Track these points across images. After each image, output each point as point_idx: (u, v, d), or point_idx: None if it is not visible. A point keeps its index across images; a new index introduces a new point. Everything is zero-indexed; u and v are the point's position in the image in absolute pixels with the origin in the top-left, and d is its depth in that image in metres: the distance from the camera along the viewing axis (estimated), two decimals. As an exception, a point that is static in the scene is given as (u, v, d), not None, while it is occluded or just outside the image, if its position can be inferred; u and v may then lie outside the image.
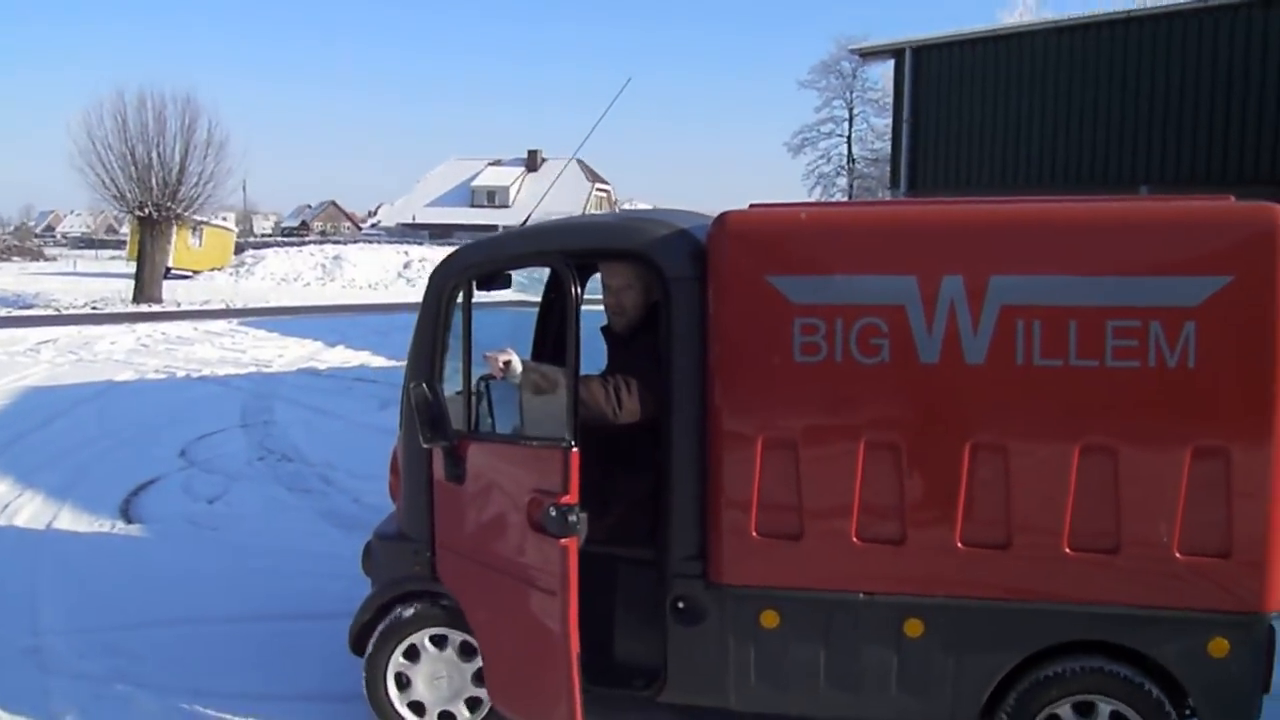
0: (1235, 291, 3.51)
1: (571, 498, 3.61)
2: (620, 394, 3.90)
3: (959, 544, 3.70)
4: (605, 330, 4.27)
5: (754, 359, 3.82)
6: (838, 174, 50.84)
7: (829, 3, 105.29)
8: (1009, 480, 3.64)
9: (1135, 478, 3.57)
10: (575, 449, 3.59)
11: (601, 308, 4.27)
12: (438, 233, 59.86)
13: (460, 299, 4.05)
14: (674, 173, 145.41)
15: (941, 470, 3.69)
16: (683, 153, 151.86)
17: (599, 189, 67.37)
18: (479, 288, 4.09)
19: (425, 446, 3.96)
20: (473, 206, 65.67)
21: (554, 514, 3.64)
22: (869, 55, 21.96)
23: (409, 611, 4.25)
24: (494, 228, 64.54)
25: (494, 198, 65.98)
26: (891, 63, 18.50)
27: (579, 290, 3.70)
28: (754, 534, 3.83)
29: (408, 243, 46.67)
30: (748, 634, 3.92)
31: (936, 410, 3.71)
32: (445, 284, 4.11)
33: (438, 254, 37.04)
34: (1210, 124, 14.24)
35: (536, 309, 4.89)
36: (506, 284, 4.37)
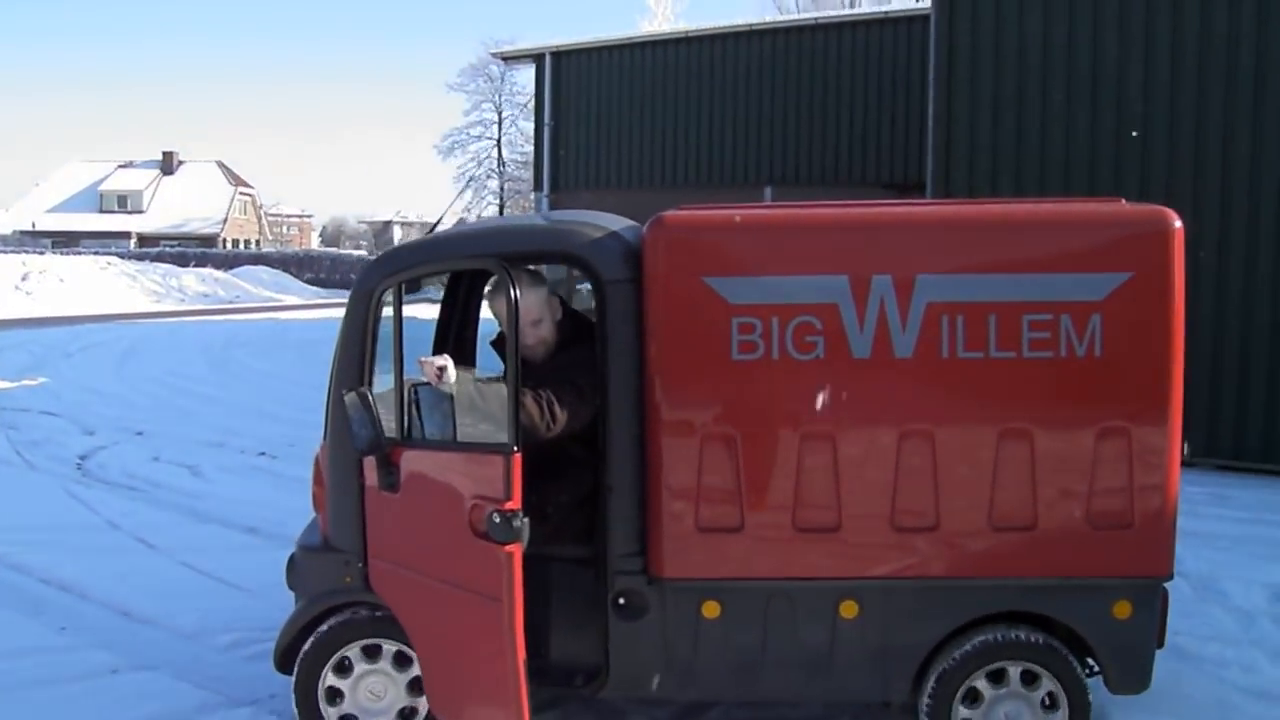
0: (1135, 286, 3.91)
1: (515, 503, 3.71)
2: (553, 408, 4.01)
3: (891, 528, 4.00)
4: (495, 344, 4.42)
5: (692, 358, 4.02)
6: (489, 177, 51.94)
7: (482, 7, 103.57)
8: (937, 466, 3.96)
9: (1049, 459, 3.95)
10: (518, 453, 3.70)
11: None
12: (63, 240, 57.01)
13: (390, 303, 4.10)
14: (323, 178, 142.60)
15: (875, 459, 3.98)
16: (332, 158, 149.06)
17: (242, 192, 66.68)
18: (407, 292, 4.17)
19: (360, 455, 3.99)
20: (102, 212, 63.08)
21: (498, 520, 3.72)
22: (512, 59, 23.10)
23: (340, 623, 4.26)
24: (128, 235, 61.75)
25: (126, 202, 63.48)
26: (534, 67, 19.74)
27: (518, 294, 3.82)
28: (695, 528, 4.03)
29: (26, 251, 43.63)
30: (689, 625, 4.12)
31: (869, 403, 4.00)
32: (374, 288, 4.15)
33: (63, 264, 35.05)
34: (824, 131, 16.80)
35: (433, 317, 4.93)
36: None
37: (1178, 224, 3.92)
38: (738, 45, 17.97)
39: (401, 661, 4.24)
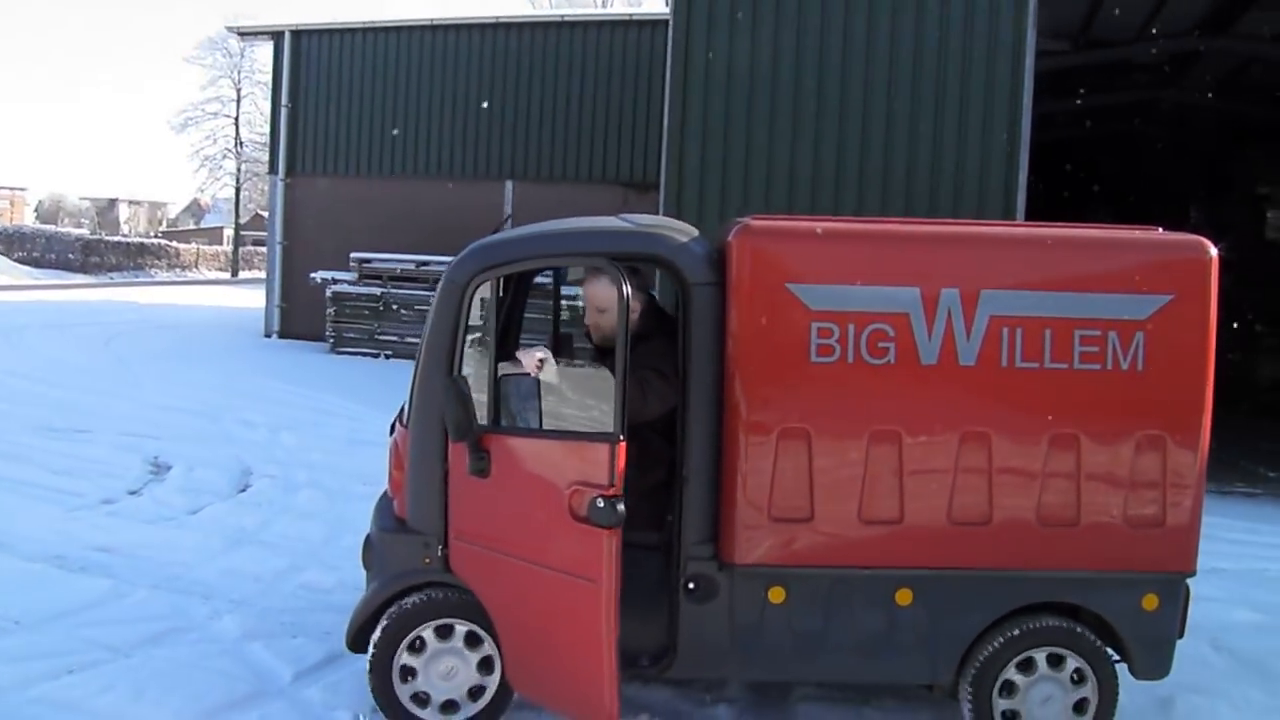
0: (1176, 307, 4.40)
1: (617, 489, 4.05)
2: (646, 395, 4.37)
3: (948, 522, 4.43)
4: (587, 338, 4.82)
5: (773, 359, 4.41)
6: (225, 156, 51.57)
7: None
8: (992, 466, 4.41)
9: (1093, 462, 4.42)
10: (623, 442, 4.05)
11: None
12: None
13: (486, 296, 4.43)
14: (40, 149, 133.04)
15: (936, 458, 4.42)
16: (51, 128, 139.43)
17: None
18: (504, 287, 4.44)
19: (456, 441, 4.29)
20: None
21: (601, 505, 4.04)
22: (249, 35, 23.28)
23: (417, 603, 4.56)
24: None
25: None
26: (273, 45, 20.10)
27: (629, 289, 4.14)
28: (768, 518, 4.42)
29: None
30: (756, 609, 4.52)
31: (934, 406, 4.43)
32: (468, 280, 4.46)
33: None
34: (567, 129, 17.78)
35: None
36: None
37: (1214, 252, 4.44)
38: (484, 37, 18.56)
39: (472, 641, 4.55)
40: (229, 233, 55.79)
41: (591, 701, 4.24)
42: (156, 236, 58.53)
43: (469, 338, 4.46)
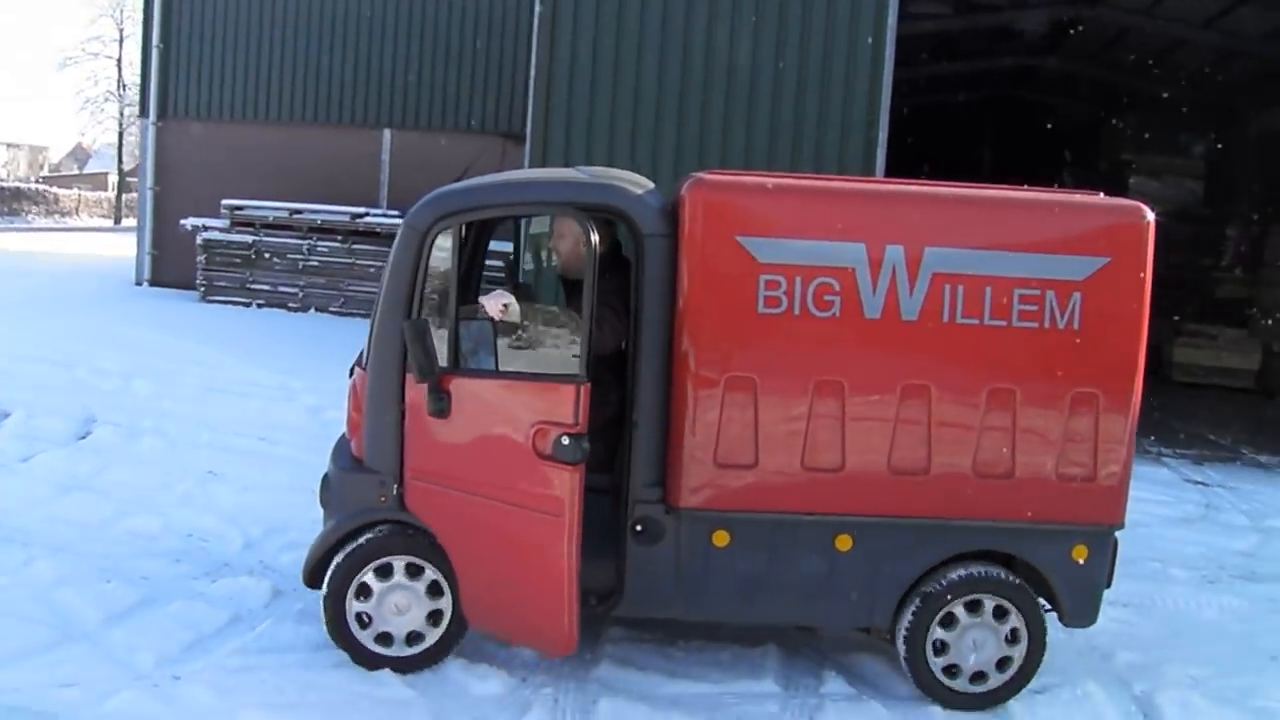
0: (1112, 270, 4.82)
1: (582, 428, 4.50)
2: (603, 325, 4.80)
3: (888, 471, 4.87)
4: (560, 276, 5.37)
5: (721, 309, 4.78)
6: (106, 99, 50.42)
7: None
8: (931, 417, 4.84)
9: (1029, 417, 4.88)
10: (588, 384, 4.50)
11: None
12: None
13: (447, 243, 4.77)
14: None
15: (877, 409, 4.83)
16: None
17: None
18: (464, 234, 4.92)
19: (418, 382, 4.65)
20: None
21: (566, 443, 4.47)
22: None
23: (371, 540, 4.93)
24: None
25: None
26: None
27: (596, 238, 4.56)
28: (713, 463, 4.83)
29: None
30: (700, 552, 4.93)
31: (876, 358, 4.83)
32: (428, 227, 4.79)
33: None
34: (445, 77, 17.77)
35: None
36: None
37: (1151, 216, 4.94)
38: (362, -18, 19.15)
39: (413, 572, 4.95)
40: (114, 179, 53.72)
41: (551, 630, 4.69)
42: (37, 182, 56.06)
43: (430, 283, 4.85)
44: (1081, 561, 5.01)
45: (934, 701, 5.04)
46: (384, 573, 4.96)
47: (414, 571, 4.97)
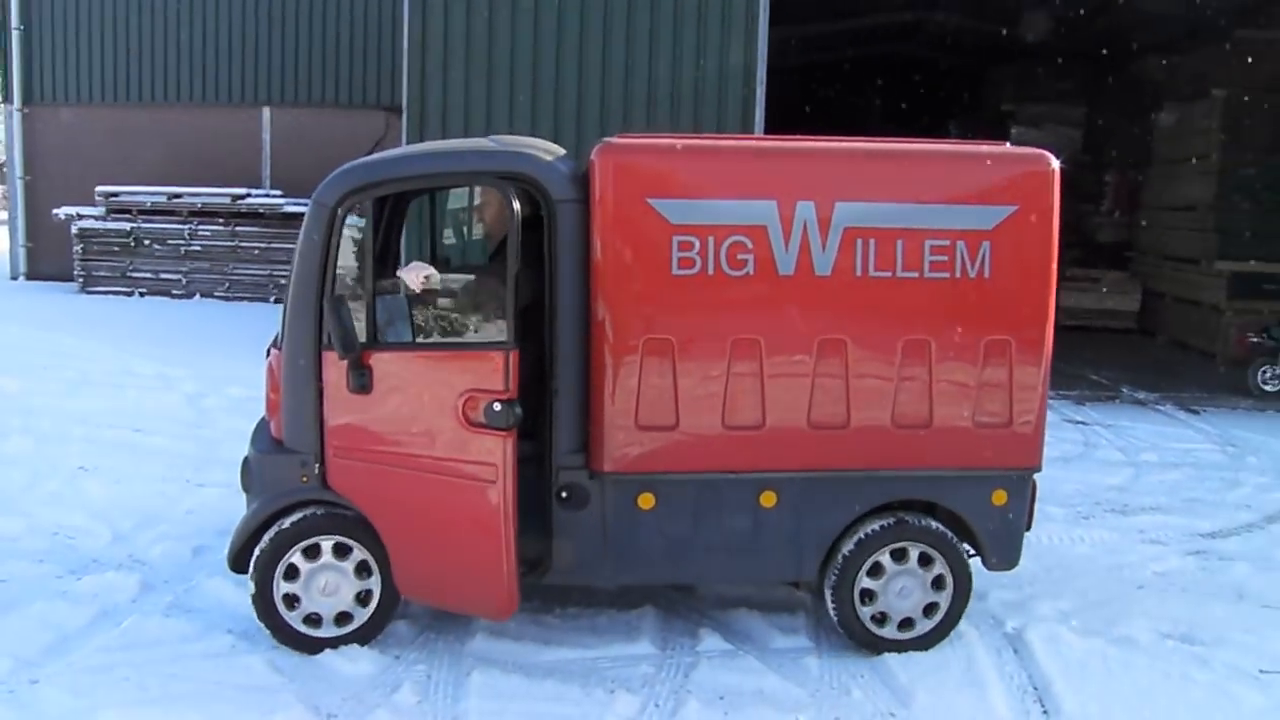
0: (1019, 218, 4.89)
1: (513, 394, 4.53)
2: (519, 282, 4.74)
3: (808, 426, 4.91)
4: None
5: (636, 272, 4.80)
6: None
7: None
8: (849, 371, 4.90)
9: (944, 365, 4.96)
10: (516, 350, 4.52)
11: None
12: None
13: (358, 218, 4.76)
14: None
15: (795, 365, 4.88)
16: None
17: None
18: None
19: (341, 358, 4.63)
20: None
21: (498, 409, 4.51)
22: None
23: (294, 522, 4.89)
24: None
25: None
26: None
27: (517, 206, 4.57)
28: (635, 426, 4.86)
29: None
30: (627, 515, 4.96)
31: (791, 314, 4.87)
32: (336, 202, 4.73)
33: None
34: (324, 52, 17.72)
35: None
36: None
37: (1056, 164, 5.01)
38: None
39: (341, 551, 4.94)
40: (-11, 171, 51.64)
41: (492, 594, 4.74)
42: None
43: (344, 259, 4.80)
44: (1001, 505, 5.11)
45: (816, 655, 5.10)
46: (311, 553, 4.91)
47: (342, 551, 4.93)
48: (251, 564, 4.93)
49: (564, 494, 4.94)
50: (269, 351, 5.28)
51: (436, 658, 5.00)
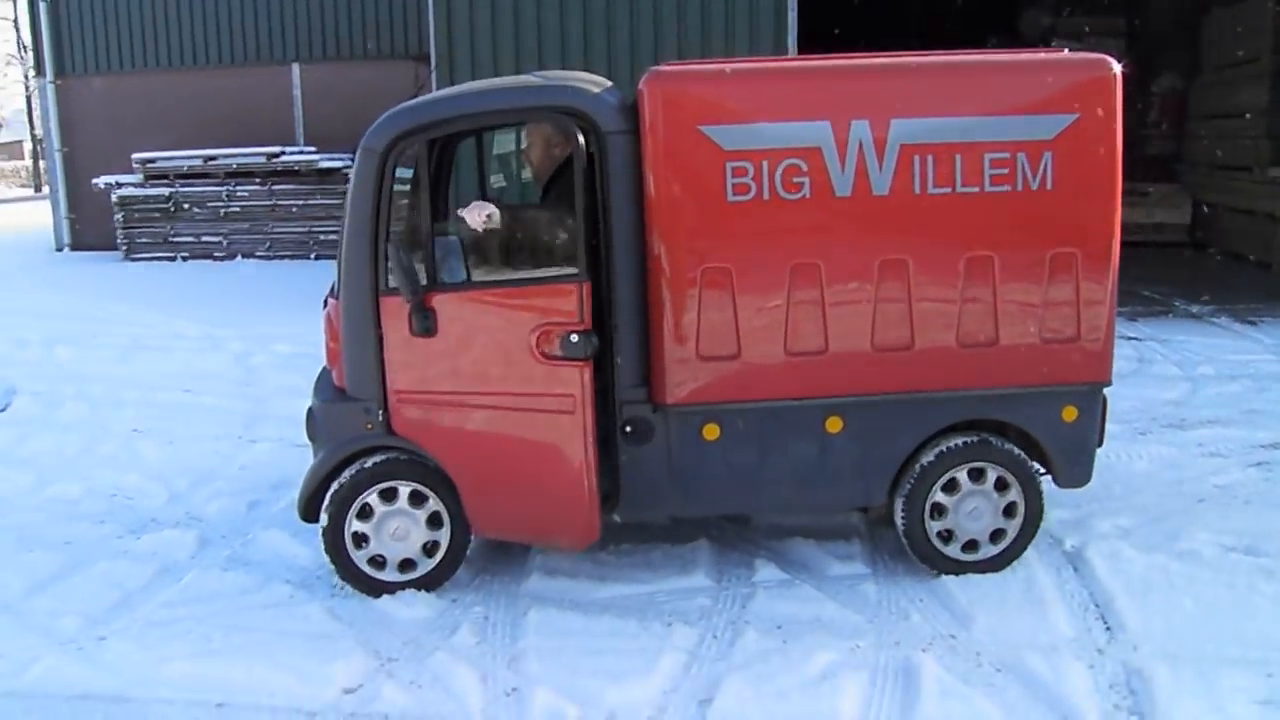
0: (1081, 126, 4.76)
1: (588, 324, 4.59)
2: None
3: (872, 349, 4.86)
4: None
5: (691, 201, 4.73)
6: (8, 63, 48.98)
7: None
8: (911, 292, 4.82)
9: (1008, 281, 4.86)
10: (589, 282, 4.58)
11: None
12: None
13: (409, 161, 4.76)
14: None
15: (857, 288, 4.81)
16: None
17: None
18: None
19: (407, 302, 4.64)
20: None
21: (576, 340, 4.57)
22: None
23: (363, 469, 4.92)
24: None
25: None
26: None
27: (582, 139, 4.58)
28: (696, 357, 4.81)
29: None
30: (692, 447, 4.93)
31: (850, 236, 4.80)
32: (386, 147, 4.70)
33: None
34: (349, 5, 17.59)
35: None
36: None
37: (1118, 69, 4.86)
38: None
39: (417, 499, 4.98)
40: (29, 146, 52.07)
41: (574, 523, 4.80)
42: (-56, 154, 54.44)
43: (396, 202, 4.81)
44: (1072, 421, 5.03)
45: (874, 581, 5.06)
46: (388, 496, 4.94)
47: (417, 500, 4.96)
48: (328, 497, 4.95)
49: (628, 428, 4.92)
50: (326, 302, 5.27)
51: (493, 599, 5.01)
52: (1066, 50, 5.15)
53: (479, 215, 4.77)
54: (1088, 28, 17.57)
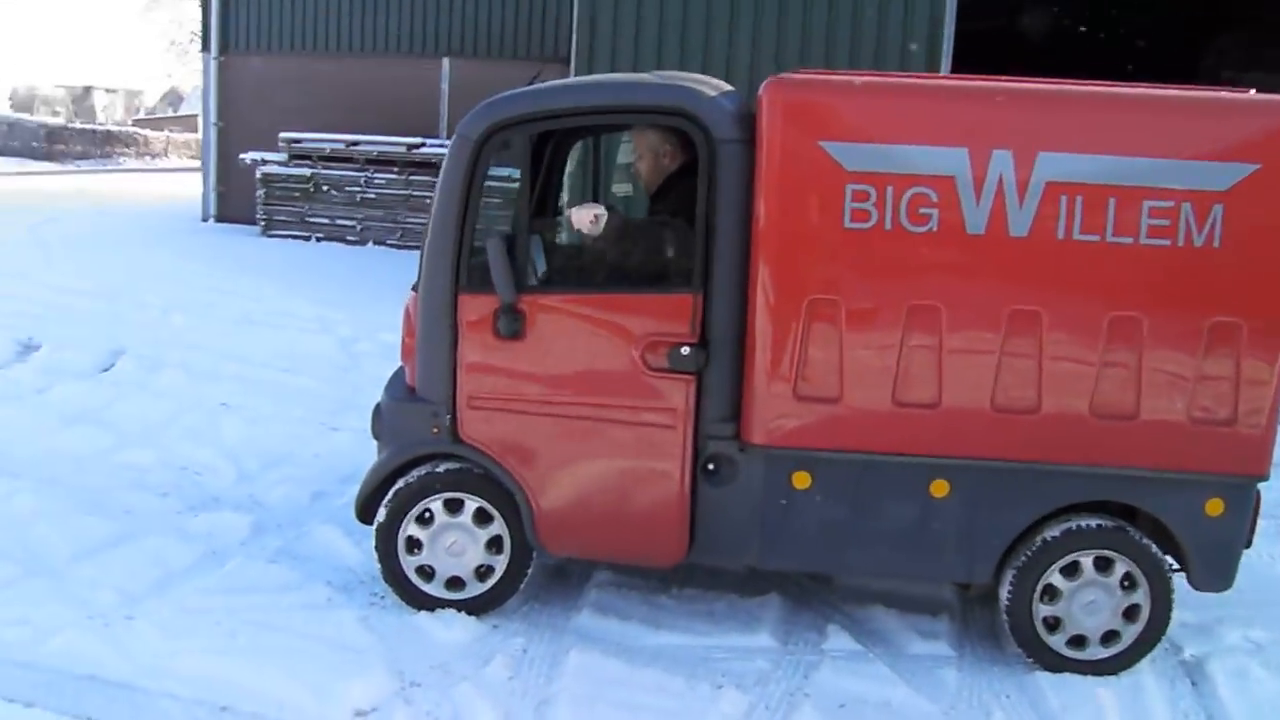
0: (1261, 179, 4.15)
1: (699, 338, 4.39)
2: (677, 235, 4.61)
3: (990, 408, 4.34)
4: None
5: (803, 224, 4.30)
6: (191, 40, 48.79)
7: None
8: (1043, 348, 4.29)
9: (1157, 348, 4.28)
10: (701, 294, 4.36)
11: None
12: None
13: (516, 157, 4.54)
14: (26, 38, 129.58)
15: (980, 338, 4.31)
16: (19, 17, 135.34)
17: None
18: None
19: (508, 302, 4.38)
20: None
21: (687, 353, 4.34)
22: None
23: (425, 475, 4.67)
24: None
25: None
26: None
27: (697, 141, 4.29)
28: (792, 396, 4.38)
29: None
30: (779, 494, 4.49)
31: (979, 279, 4.30)
32: (481, 137, 4.44)
33: None
34: (503, 4, 17.31)
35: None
36: None
37: None
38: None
39: (482, 518, 4.69)
40: (202, 120, 54.64)
41: (662, 541, 4.52)
42: (130, 125, 57.28)
43: (485, 198, 4.53)
44: (1217, 516, 4.41)
45: (957, 666, 4.53)
46: (452, 508, 4.66)
47: (482, 519, 4.66)
48: (392, 492, 4.68)
49: (710, 465, 4.51)
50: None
51: (536, 632, 4.67)
52: (1253, 91, 4.49)
53: (587, 216, 4.51)
54: (1270, 85, 16.46)
